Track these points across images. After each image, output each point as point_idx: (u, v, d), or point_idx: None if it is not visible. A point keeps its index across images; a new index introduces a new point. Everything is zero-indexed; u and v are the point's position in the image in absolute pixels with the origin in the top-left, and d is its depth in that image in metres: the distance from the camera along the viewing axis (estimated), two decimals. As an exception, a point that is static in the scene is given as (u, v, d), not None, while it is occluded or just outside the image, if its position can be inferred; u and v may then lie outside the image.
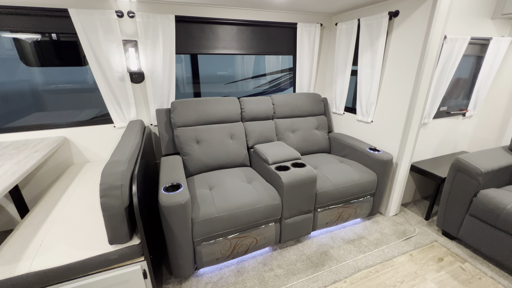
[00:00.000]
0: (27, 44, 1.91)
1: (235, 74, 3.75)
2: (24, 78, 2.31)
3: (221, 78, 3.55)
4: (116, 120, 2.04)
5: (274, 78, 3.35)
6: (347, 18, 2.30)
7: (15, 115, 2.22)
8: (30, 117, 2.35)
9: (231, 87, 3.57)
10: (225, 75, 3.65)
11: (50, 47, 1.97)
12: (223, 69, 3.63)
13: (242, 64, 3.64)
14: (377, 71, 2.03)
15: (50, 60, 2.11)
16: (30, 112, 2.36)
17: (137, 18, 1.82)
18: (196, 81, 2.51)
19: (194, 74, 2.45)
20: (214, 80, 3.54)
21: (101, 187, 1.05)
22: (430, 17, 1.63)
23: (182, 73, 3.10)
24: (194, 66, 2.44)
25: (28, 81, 2.35)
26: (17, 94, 2.28)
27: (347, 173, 1.93)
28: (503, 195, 1.62)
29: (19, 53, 2.00)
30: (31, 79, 2.34)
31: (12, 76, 2.22)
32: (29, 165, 1.41)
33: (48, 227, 1.27)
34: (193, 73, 2.44)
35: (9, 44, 1.99)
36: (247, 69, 3.70)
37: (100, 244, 1.16)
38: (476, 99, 2.25)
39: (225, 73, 3.68)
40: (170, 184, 1.47)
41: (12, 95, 2.26)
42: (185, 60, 2.46)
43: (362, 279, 1.62)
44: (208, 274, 1.63)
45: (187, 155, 1.94)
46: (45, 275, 1.04)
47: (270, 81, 3.42)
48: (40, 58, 2.04)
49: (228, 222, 1.50)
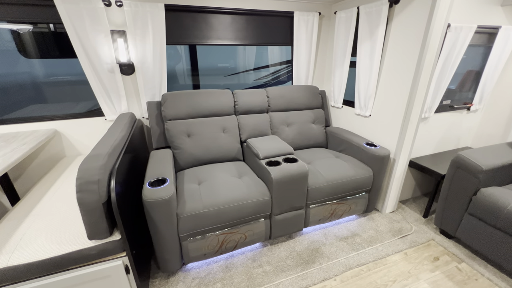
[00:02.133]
0: (25, 36, 1.88)
1: (236, 66, 3.67)
2: (23, 70, 2.29)
3: (223, 70, 3.48)
4: (107, 113, 2.01)
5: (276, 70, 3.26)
6: (347, 6, 2.18)
7: (11, 107, 2.22)
8: (26, 109, 2.34)
9: (232, 79, 3.50)
10: (226, 67, 3.57)
11: (49, 38, 1.94)
12: (225, 60, 3.56)
13: (244, 55, 3.56)
14: (376, 62, 1.93)
15: (49, 52, 2.07)
16: (26, 105, 2.36)
17: (125, 7, 1.75)
18: (195, 73, 2.45)
19: (193, 66, 2.39)
20: (216, 72, 3.48)
21: (77, 182, 1.03)
22: (432, 4, 1.52)
23: (183, 65, 3.05)
24: (193, 58, 2.37)
25: (27, 73, 2.34)
26: (16, 86, 2.27)
27: (342, 168, 1.86)
28: (504, 194, 1.54)
29: (17, 45, 1.98)
30: (30, 71, 2.32)
31: (11, 68, 2.21)
32: (14, 158, 1.39)
33: (31, 221, 1.26)
34: (192, 64, 2.38)
35: (8, 36, 1.96)
36: (248, 61, 3.62)
37: (80, 239, 1.14)
38: (482, 92, 2.14)
39: (227, 65, 3.60)
40: (156, 178, 1.44)
41: (10, 87, 2.25)
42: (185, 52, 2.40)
43: (353, 278, 1.58)
44: (196, 269, 1.61)
45: (178, 149, 1.91)
46: (23, 269, 1.03)
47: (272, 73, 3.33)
48: (39, 49, 2.01)
49: (215, 217, 1.47)
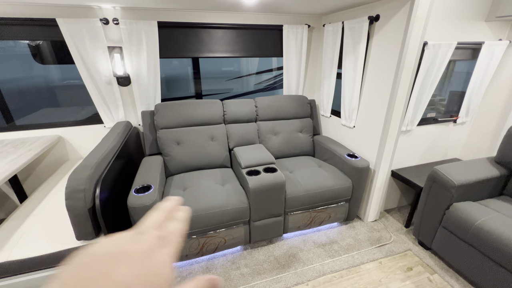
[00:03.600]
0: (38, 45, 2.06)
1: (240, 69, 3.80)
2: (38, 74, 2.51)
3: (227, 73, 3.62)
4: (106, 121, 2.18)
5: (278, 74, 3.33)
6: (333, 20, 2.24)
7: (26, 110, 2.44)
8: (38, 113, 2.57)
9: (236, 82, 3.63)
10: (230, 70, 3.71)
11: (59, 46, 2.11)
12: (229, 64, 3.69)
13: (247, 59, 3.67)
14: (358, 76, 1.99)
15: (60, 58, 2.26)
16: (38, 108, 2.58)
17: (121, 25, 1.91)
18: (197, 77, 2.53)
19: (195, 71, 2.48)
20: (220, 76, 3.62)
21: (66, 191, 1.18)
22: (407, 23, 1.57)
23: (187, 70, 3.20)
24: (195, 64, 2.47)
25: (41, 76, 2.56)
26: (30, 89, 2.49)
27: (321, 178, 1.95)
28: (476, 209, 1.58)
29: (32, 52, 2.17)
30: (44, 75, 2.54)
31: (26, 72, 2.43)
32: (19, 163, 1.58)
33: (31, 221, 1.44)
34: (194, 69, 2.46)
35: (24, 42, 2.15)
36: (251, 65, 3.74)
37: (70, 239, 1.30)
38: (468, 105, 2.15)
39: (231, 68, 3.74)
40: (141, 185, 1.58)
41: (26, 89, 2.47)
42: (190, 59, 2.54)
43: (324, 283, 1.67)
44: (179, 269, 1.76)
45: (168, 156, 2.05)
46: (20, 264, 1.20)
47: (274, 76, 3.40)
48: (51, 56, 2.20)
49: (195, 222, 1.60)
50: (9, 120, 2.16)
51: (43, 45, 2.10)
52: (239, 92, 3.74)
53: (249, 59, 3.66)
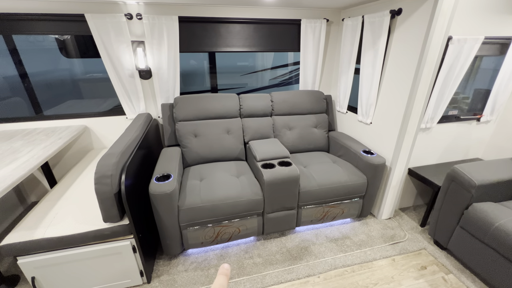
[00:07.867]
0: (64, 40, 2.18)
1: (255, 64, 3.81)
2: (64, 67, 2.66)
3: (242, 68, 3.64)
4: (128, 112, 2.28)
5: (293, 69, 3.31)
6: (353, 14, 2.20)
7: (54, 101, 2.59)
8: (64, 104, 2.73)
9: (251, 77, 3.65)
10: (246, 65, 3.73)
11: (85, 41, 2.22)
12: (244, 59, 3.72)
13: (262, 55, 3.68)
14: (377, 71, 1.96)
15: (86, 52, 2.38)
16: (65, 100, 2.74)
17: (144, 20, 1.98)
18: (213, 71, 2.59)
19: (211, 66, 2.54)
20: (235, 70, 3.65)
21: (95, 176, 1.27)
22: (431, 17, 1.53)
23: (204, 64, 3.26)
24: (212, 58, 2.53)
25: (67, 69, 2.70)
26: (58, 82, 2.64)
27: (336, 174, 1.95)
28: (496, 210, 1.54)
29: (59, 46, 2.30)
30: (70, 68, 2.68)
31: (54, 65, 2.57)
32: (52, 150, 1.70)
33: (62, 204, 1.55)
34: (210, 64, 2.53)
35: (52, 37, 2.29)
36: (266, 60, 3.74)
37: (98, 221, 1.40)
38: (493, 103, 2.06)
39: (246, 63, 3.76)
40: (162, 174, 1.66)
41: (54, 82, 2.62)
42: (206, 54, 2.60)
43: (336, 277, 1.69)
44: (195, 255, 1.84)
45: (186, 148, 2.13)
46: (54, 241, 1.31)
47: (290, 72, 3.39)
48: (77, 50, 2.32)
49: (210, 211, 1.67)
50: (38, 111, 2.31)
51: (68, 39, 2.21)
52: (254, 87, 3.75)
53: (264, 54, 3.65)
